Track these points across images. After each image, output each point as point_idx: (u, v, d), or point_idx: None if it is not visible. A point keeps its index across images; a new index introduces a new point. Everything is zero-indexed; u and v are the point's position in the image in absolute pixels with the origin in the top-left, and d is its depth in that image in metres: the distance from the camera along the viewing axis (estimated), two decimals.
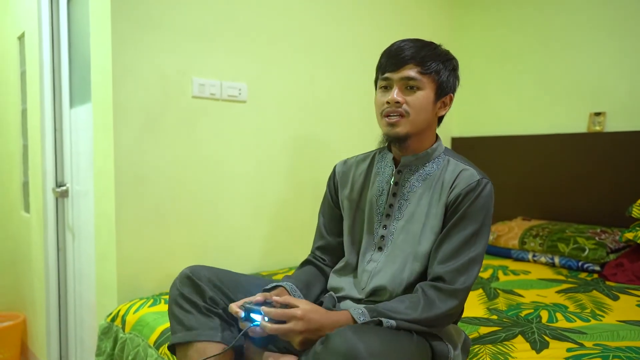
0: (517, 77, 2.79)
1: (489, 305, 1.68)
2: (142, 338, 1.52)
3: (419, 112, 1.16)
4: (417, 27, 2.83)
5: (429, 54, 1.17)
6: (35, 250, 2.62)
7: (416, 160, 1.23)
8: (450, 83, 1.22)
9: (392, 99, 1.16)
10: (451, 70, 1.22)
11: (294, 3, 2.24)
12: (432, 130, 1.25)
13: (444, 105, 1.24)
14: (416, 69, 1.15)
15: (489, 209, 1.16)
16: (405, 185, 1.23)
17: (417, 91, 1.16)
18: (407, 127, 1.17)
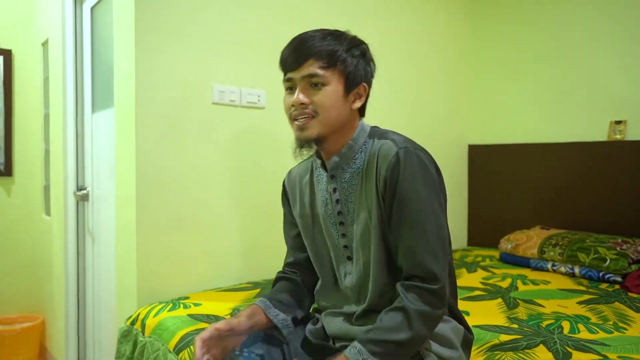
0: (536, 84, 2.77)
1: (509, 314, 1.67)
2: (162, 342, 1.53)
3: (328, 110, 1.06)
4: (435, 36, 2.83)
5: (330, 44, 1.06)
6: (56, 252, 2.65)
7: (342, 160, 1.14)
8: (361, 71, 1.10)
9: (296, 101, 1.06)
10: (360, 57, 1.10)
11: (311, 11, 2.25)
12: (352, 126, 1.14)
13: (358, 97, 1.12)
14: (318, 64, 1.05)
15: (424, 178, 1.04)
16: (344, 187, 1.14)
17: (323, 87, 1.06)
18: (318, 128, 1.07)
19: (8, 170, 2.93)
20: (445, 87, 2.92)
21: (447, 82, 2.93)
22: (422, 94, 2.78)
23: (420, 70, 2.76)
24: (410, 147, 1.06)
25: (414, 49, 2.72)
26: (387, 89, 2.58)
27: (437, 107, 2.87)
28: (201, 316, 1.60)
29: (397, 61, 2.64)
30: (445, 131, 2.93)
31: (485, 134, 3.01)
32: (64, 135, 2.49)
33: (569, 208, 2.59)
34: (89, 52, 2.37)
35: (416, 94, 2.74)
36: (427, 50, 2.79)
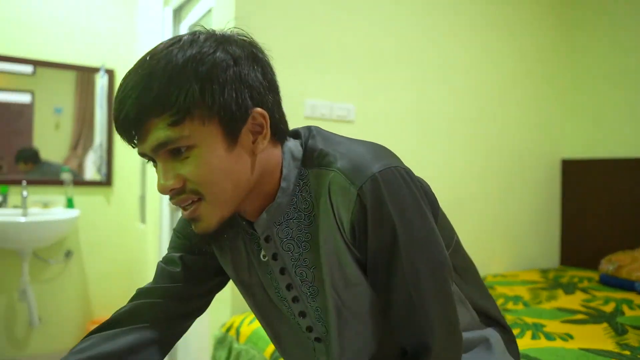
0: (637, 96, 2.59)
1: (619, 340, 1.55)
2: (258, 350, 1.56)
3: (216, 184, 0.69)
4: (528, 43, 2.74)
5: (169, 84, 0.65)
6: (150, 259, 2.80)
7: (275, 213, 0.77)
8: (243, 95, 0.68)
9: (162, 189, 0.70)
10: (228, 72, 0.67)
11: (400, 27, 2.25)
12: (272, 167, 0.76)
13: (259, 131, 0.72)
14: (164, 123, 0.65)
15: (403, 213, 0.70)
16: (288, 247, 0.78)
17: (190, 152, 0.67)
18: (214, 212, 0.71)
19: (108, 181, 3.14)
20: (537, 97, 2.80)
21: (538, 93, 2.81)
22: (511, 106, 2.69)
23: (508, 82, 2.67)
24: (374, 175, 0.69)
25: (506, 59, 2.64)
26: (476, 101, 2.52)
27: (527, 119, 2.76)
28: None
29: (485, 73, 2.57)
30: (535, 145, 2.81)
31: (581, 148, 2.86)
32: None
33: None
34: None
35: (504, 106, 2.65)
36: (516, 56, 2.70)
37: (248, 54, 0.71)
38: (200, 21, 2.31)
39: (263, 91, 0.71)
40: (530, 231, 2.80)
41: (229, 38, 0.72)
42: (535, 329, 1.65)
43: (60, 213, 2.86)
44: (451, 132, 2.44)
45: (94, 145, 3.12)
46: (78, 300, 3.07)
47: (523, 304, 1.98)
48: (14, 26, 2.89)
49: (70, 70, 3.04)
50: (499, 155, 2.64)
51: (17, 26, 2.89)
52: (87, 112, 3.12)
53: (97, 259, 3.13)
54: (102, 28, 3.11)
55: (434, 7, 2.36)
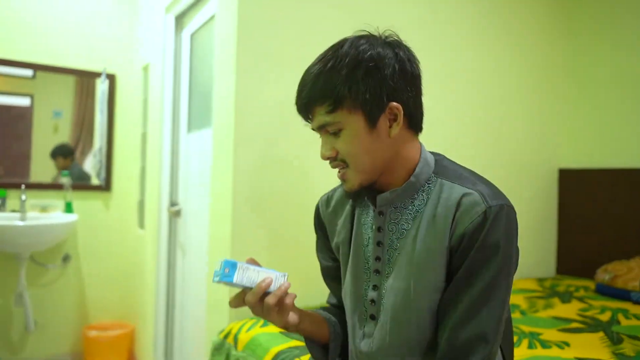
0: (636, 106, 2.61)
1: (614, 350, 1.56)
2: (256, 358, 1.56)
3: (357, 157, 0.89)
4: (526, 52, 2.76)
5: (327, 82, 0.87)
6: (148, 264, 2.80)
7: (397, 197, 0.93)
8: (378, 92, 0.86)
9: (322, 156, 0.92)
10: (367, 77, 0.86)
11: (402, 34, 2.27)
12: (403, 154, 0.92)
13: (393, 120, 0.89)
14: (324, 110, 0.87)
15: (507, 245, 0.85)
16: (393, 229, 0.94)
17: (341, 133, 0.88)
18: (357, 177, 0.90)
19: (107, 186, 3.15)
20: (534, 106, 2.82)
21: (538, 102, 2.83)
22: (509, 116, 2.71)
23: (506, 87, 2.69)
24: (504, 205, 0.86)
25: (504, 68, 2.66)
26: (471, 111, 2.54)
27: (524, 128, 2.78)
28: (293, 334, 1.62)
29: (492, 79, 2.59)
30: (533, 154, 2.83)
31: (578, 158, 2.88)
32: (160, 154, 2.65)
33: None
34: (187, 76, 2.51)
35: (502, 116, 2.67)
36: (514, 65, 2.72)
37: (391, 55, 0.89)
38: (202, 28, 2.33)
39: (401, 86, 0.89)
40: (527, 240, 2.80)
41: (375, 40, 0.92)
42: (532, 338, 1.66)
43: (59, 217, 2.87)
44: (449, 140, 2.45)
45: (93, 149, 3.13)
46: (75, 304, 3.07)
47: (520, 313, 1.99)
48: (15, 29, 2.90)
49: (70, 75, 3.05)
50: (497, 164, 2.66)
51: (18, 30, 2.91)
52: (86, 116, 3.13)
53: (95, 264, 3.13)
54: (103, 33, 3.13)
55: (437, 16, 2.38)
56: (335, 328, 1.05)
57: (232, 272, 0.85)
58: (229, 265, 0.85)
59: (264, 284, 0.86)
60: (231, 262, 0.85)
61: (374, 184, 0.93)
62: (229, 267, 0.85)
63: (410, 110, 0.91)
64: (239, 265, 0.86)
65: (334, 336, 1.04)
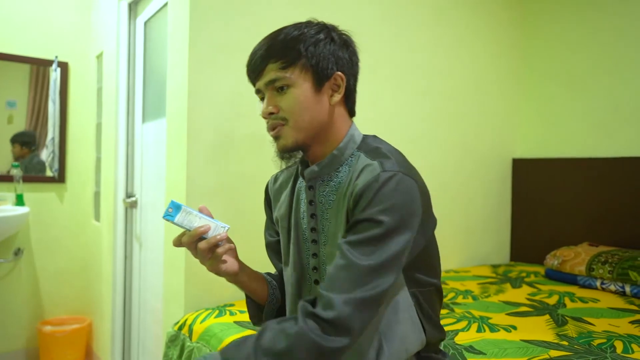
0: (587, 97, 2.71)
1: (558, 331, 1.63)
2: (210, 348, 1.56)
3: (298, 114, 0.94)
4: (483, 47, 2.82)
5: (285, 42, 0.95)
6: (105, 257, 2.75)
7: (322, 170, 1.00)
8: (329, 60, 0.95)
9: (263, 112, 0.98)
10: (324, 44, 0.96)
11: (361, 27, 2.28)
12: (337, 124, 1.00)
13: (336, 89, 0.97)
14: (276, 66, 0.94)
15: (398, 208, 0.86)
16: (322, 201, 1.01)
17: (289, 90, 0.94)
18: (292, 134, 0.95)
19: (61, 177, 3.06)
20: (490, 98, 2.89)
21: (492, 93, 2.90)
22: (465, 106, 2.76)
23: (463, 81, 2.75)
24: (399, 172, 0.89)
25: (460, 62, 2.71)
26: (427, 100, 2.58)
27: (480, 119, 2.84)
28: (248, 323, 1.63)
29: (444, 76, 2.63)
30: (488, 144, 2.90)
31: (530, 148, 2.97)
32: (115, 144, 2.59)
33: (619, 225, 2.52)
34: (141, 65, 2.46)
35: (458, 105, 2.73)
36: (470, 58, 2.78)
37: (342, 41, 1.00)
38: (155, 16, 2.29)
39: (347, 66, 0.99)
40: (482, 228, 2.89)
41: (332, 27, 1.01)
42: (481, 322, 1.71)
43: (9, 210, 2.77)
44: (409, 132, 2.49)
45: (46, 140, 3.03)
46: (28, 299, 2.98)
47: (472, 298, 2.05)
48: None
49: (23, 63, 2.94)
50: (453, 154, 2.71)
51: None
52: (42, 106, 3.03)
53: (49, 258, 3.04)
54: (57, 20, 3.02)
55: (394, 11, 2.40)
56: (274, 292, 1.13)
57: (175, 213, 0.94)
58: (173, 206, 0.94)
59: (201, 229, 0.94)
60: (176, 204, 0.94)
61: (308, 153, 1.00)
62: (173, 208, 0.94)
63: (350, 88, 1.01)
64: (183, 208, 0.94)
65: (271, 298, 1.12)
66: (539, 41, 2.94)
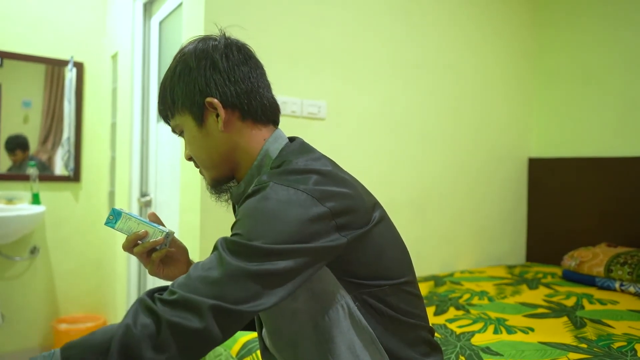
0: (604, 95, 2.67)
1: (577, 334, 1.60)
2: (224, 348, 1.56)
3: (198, 154, 0.96)
4: (497, 46, 2.79)
5: (160, 95, 0.97)
6: (119, 256, 2.76)
7: (241, 191, 0.96)
8: (195, 89, 0.90)
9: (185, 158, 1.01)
10: (179, 78, 0.91)
11: (373, 24, 2.27)
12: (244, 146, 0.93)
13: (216, 115, 0.91)
14: (165, 116, 0.98)
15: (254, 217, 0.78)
16: None
17: (184, 134, 0.96)
18: (207, 174, 0.98)
19: (76, 176, 3.09)
20: (506, 98, 2.86)
21: (507, 92, 2.87)
22: (479, 105, 2.74)
23: (477, 80, 2.72)
24: (271, 182, 0.81)
25: (474, 60, 2.68)
26: (443, 102, 2.56)
27: (495, 118, 2.82)
28: None
29: (458, 73, 2.61)
30: (503, 143, 2.87)
31: (547, 147, 2.93)
32: (129, 144, 2.61)
33: (637, 225, 2.47)
34: (156, 64, 2.47)
35: (472, 104, 2.70)
36: (486, 59, 2.75)
37: (204, 65, 0.91)
38: (170, 16, 2.29)
39: (215, 81, 0.90)
40: (498, 228, 2.86)
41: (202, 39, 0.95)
42: (498, 323, 1.69)
43: (25, 209, 2.80)
44: (422, 130, 2.47)
45: (62, 140, 3.06)
46: (44, 297, 3.01)
47: (488, 299, 2.03)
48: None
49: (39, 63, 2.97)
50: (469, 154, 2.69)
51: None
52: (57, 106, 3.06)
53: (64, 256, 3.07)
54: (72, 21, 3.05)
55: (409, 5, 2.39)
56: None
57: (115, 220, 0.96)
58: (114, 213, 0.96)
59: (138, 234, 0.94)
60: (117, 211, 0.96)
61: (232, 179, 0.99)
62: (114, 215, 0.96)
63: (235, 102, 0.91)
64: (124, 214, 0.96)
65: None
66: (554, 39, 2.91)
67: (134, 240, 0.95)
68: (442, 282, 2.29)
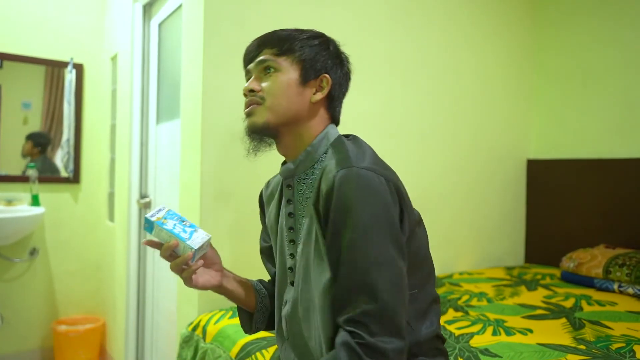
0: (602, 96, 2.68)
1: (576, 335, 1.61)
2: (224, 350, 1.56)
3: (276, 97, 0.97)
4: (496, 47, 2.79)
5: (285, 34, 1.00)
6: (118, 257, 2.77)
7: (297, 168, 1.01)
8: (321, 62, 1.00)
9: (245, 88, 1.00)
10: (319, 47, 1.01)
11: (372, 25, 2.27)
12: (313, 122, 1.01)
13: (320, 89, 1.00)
14: (271, 51, 0.99)
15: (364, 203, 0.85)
16: (300, 200, 1.00)
17: (274, 74, 0.98)
18: (265, 115, 0.97)
19: (76, 178, 3.09)
20: (504, 99, 2.86)
21: (506, 94, 2.87)
22: (478, 106, 2.74)
23: (475, 82, 2.73)
24: (354, 168, 0.87)
25: (474, 61, 2.69)
26: (441, 103, 2.57)
27: (494, 120, 2.82)
28: None
29: (456, 75, 2.61)
30: (502, 145, 2.87)
31: (545, 149, 2.93)
32: (129, 145, 2.61)
33: (636, 227, 2.48)
34: (156, 66, 2.48)
35: (470, 106, 2.71)
36: (485, 60, 2.76)
37: (337, 53, 1.05)
38: (169, 17, 2.30)
39: (337, 69, 1.03)
40: (497, 230, 2.86)
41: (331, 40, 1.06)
42: (497, 325, 1.69)
43: (25, 210, 2.80)
44: (421, 131, 2.48)
45: (61, 141, 3.06)
46: (43, 299, 3.02)
47: (487, 300, 2.03)
48: None
49: (38, 65, 2.98)
50: (467, 155, 2.69)
51: None
52: (57, 107, 3.06)
53: (64, 257, 3.07)
54: (72, 22, 3.05)
55: (407, 7, 2.39)
56: (263, 300, 1.13)
57: (150, 228, 1.00)
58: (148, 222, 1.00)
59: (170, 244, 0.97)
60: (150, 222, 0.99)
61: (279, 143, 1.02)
62: (148, 224, 1.00)
63: (334, 93, 1.03)
64: (155, 226, 0.99)
65: (260, 307, 1.13)
66: (554, 39, 2.91)
67: (169, 250, 0.98)
68: (441, 284, 2.29)
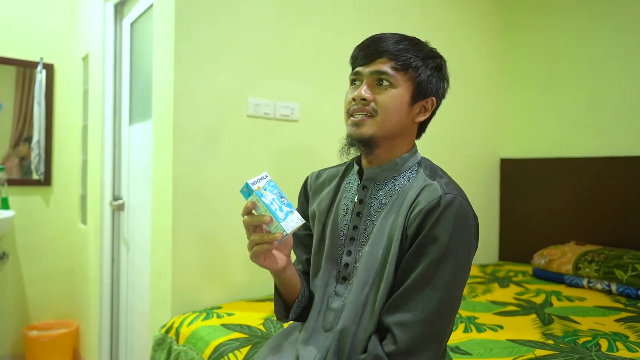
0: (572, 96, 2.73)
1: (544, 330, 1.64)
2: (197, 352, 1.55)
3: (389, 113, 0.99)
4: (465, 48, 2.83)
5: (407, 48, 1.00)
6: (91, 260, 2.72)
7: (382, 173, 1.05)
8: (433, 85, 1.03)
9: (358, 95, 0.99)
10: (434, 69, 1.03)
11: (346, 27, 2.28)
12: (408, 139, 1.06)
13: (424, 110, 1.04)
14: (390, 64, 0.98)
15: (458, 228, 0.93)
16: (372, 203, 1.05)
17: (389, 89, 0.99)
18: (373, 128, 0.99)
19: (47, 180, 3.03)
20: (477, 100, 2.90)
21: (479, 95, 2.91)
22: (454, 107, 2.77)
23: (454, 85, 2.74)
24: (458, 196, 0.96)
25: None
26: None
27: (468, 120, 2.86)
28: (234, 326, 1.62)
29: None
30: (476, 145, 2.91)
31: (518, 148, 2.98)
32: (101, 147, 2.57)
33: (605, 224, 2.54)
34: (128, 66, 2.44)
35: (447, 106, 2.73)
36: (457, 62, 2.78)
37: (446, 79, 1.09)
38: (141, 17, 2.27)
39: (440, 94, 1.07)
40: None
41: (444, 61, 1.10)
42: (468, 322, 1.71)
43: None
44: None
45: (32, 143, 3.00)
46: (14, 304, 2.95)
47: None
48: None
49: (9, 65, 2.91)
50: (441, 155, 2.71)
51: None
52: (28, 108, 3.00)
53: (35, 262, 3.01)
54: (42, 22, 2.99)
55: (380, 10, 2.41)
56: (305, 291, 1.12)
57: (246, 195, 0.97)
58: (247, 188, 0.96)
59: (263, 219, 0.93)
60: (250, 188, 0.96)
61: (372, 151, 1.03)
62: (247, 190, 0.96)
63: (432, 116, 1.08)
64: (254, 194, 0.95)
65: (302, 297, 1.11)
66: (523, 42, 2.96)
67: (258, 222, 0.94)
68: None
